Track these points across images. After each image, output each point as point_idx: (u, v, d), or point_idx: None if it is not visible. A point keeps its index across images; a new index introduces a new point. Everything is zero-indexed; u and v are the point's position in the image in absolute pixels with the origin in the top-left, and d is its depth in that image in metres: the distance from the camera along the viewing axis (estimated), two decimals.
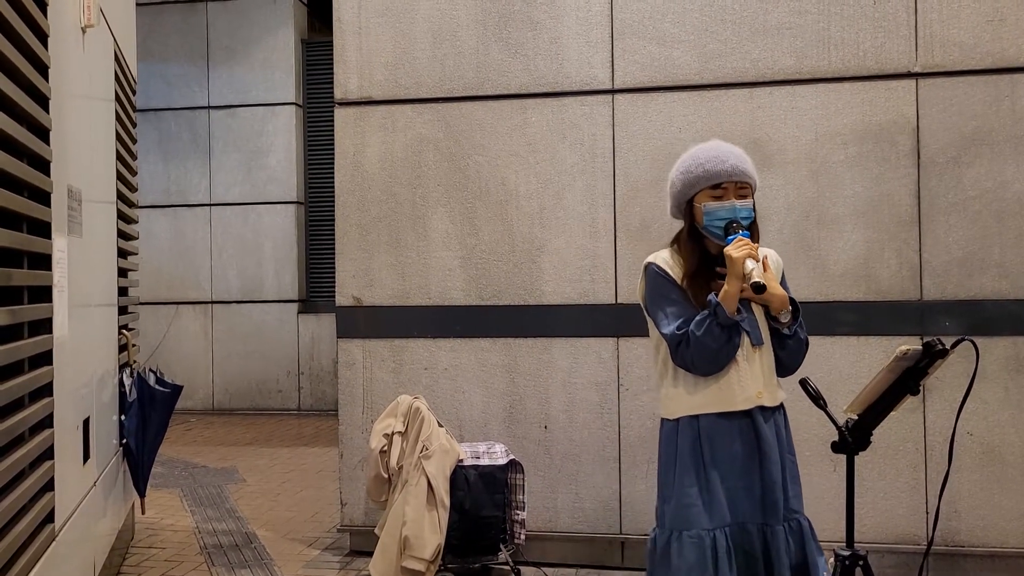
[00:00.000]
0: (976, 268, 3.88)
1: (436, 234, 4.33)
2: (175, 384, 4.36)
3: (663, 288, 2.53)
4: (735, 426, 2.48)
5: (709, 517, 2.45)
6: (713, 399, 2.49)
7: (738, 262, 2.37)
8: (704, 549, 2.42)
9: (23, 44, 2.49)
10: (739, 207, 2.47)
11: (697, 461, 2.49)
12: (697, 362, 2.45)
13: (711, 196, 2.49)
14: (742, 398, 2.48)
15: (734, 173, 2.48)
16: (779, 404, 2.57)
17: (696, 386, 2.50)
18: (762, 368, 2.51)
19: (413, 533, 3.80)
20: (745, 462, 2.47)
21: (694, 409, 2.50)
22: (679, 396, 2.53)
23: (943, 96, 3.92)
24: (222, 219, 9.72)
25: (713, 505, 2.45)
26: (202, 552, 4.61)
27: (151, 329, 9.43)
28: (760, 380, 2.50)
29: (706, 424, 2.49)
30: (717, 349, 2.42)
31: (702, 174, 2.50)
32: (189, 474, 6.59)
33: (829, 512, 3.95)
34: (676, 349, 2.47)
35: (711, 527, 2.44)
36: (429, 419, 4.02)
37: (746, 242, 2.40)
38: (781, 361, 2.58)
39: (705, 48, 4.10)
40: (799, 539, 2.48)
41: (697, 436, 2.49)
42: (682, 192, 2.55)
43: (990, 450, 3.87)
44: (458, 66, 4.32)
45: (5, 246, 2.33)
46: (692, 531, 2.44)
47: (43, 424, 2.70)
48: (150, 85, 9.57)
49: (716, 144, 2.57)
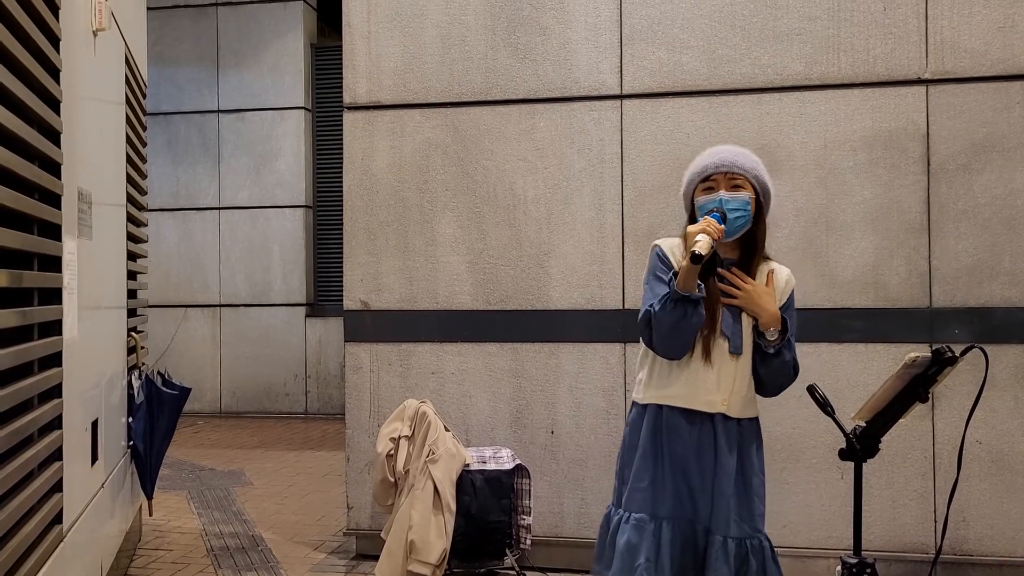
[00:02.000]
0: (986, 275, 3.87)
1: (444, 238, 4.33)
2: (183, 386, 4.37)
3: (658, 269, 2.54)
4: (695, 426, 2.49)
5: (658, 505, 2.48)
6: (678, 393, 2.50)
7: (690, 236, 2.38)
8: (646, 533, 2.45)
9: (35, 47, 2.50)
10: (727, 198, 2.47)
11: (656, 449, 2.52)
12: (656, 339, 2.47)
13: (703, 190, 2.53)
14: (705, 400, 2.48)
15: (722, 164, 2.50)
16: (749, 418, 2.54)
17: (667, 378, 2.52)
18: (735, 377, 2.50)
19: (419, 537, 3.80)
20: (700, 464, 2.48)
21: (660, 399, 2.53)
22: (652, 383, 2.57)
23: (953, 103, 3.90)
24: (231, 222, 9.75)
25: (664, 495, 2.49)
26: (209, 554, 4.62)
27: (159, 332, 9.45)
28: (728, 389, 2.49)
29: (669, 416, 2.51)
30: (672, 324, 2.40)
31: (696, 170, 2.56)
32: (196, 476, 6.60)
33: (837, 520, 3.93)
34: (644, 327, 2.50)
35: (660, 515, 2.47)
36: (436, 423, 4.02)
37: (709, 220, 2.40)
38: (760, 380, 2.56)
39: (714, 54, 4.10)
40: (760, 558, 2.45)
41: (659, 426, 2.52)
42: (685, 192, 2.61)
43: (999, 458, 3.85)
44: (467, 71, 4.32)
45: (16, 248, 2.34)
46: (640, 514, 2.48)
47: (52, 425, 2.71)
48: (160, 89, 9.61)
49: (718, 146, 2.62)
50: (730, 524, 2.44)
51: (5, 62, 2.28)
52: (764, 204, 2.56)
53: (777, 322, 2.48)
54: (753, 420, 2.56)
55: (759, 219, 2.55)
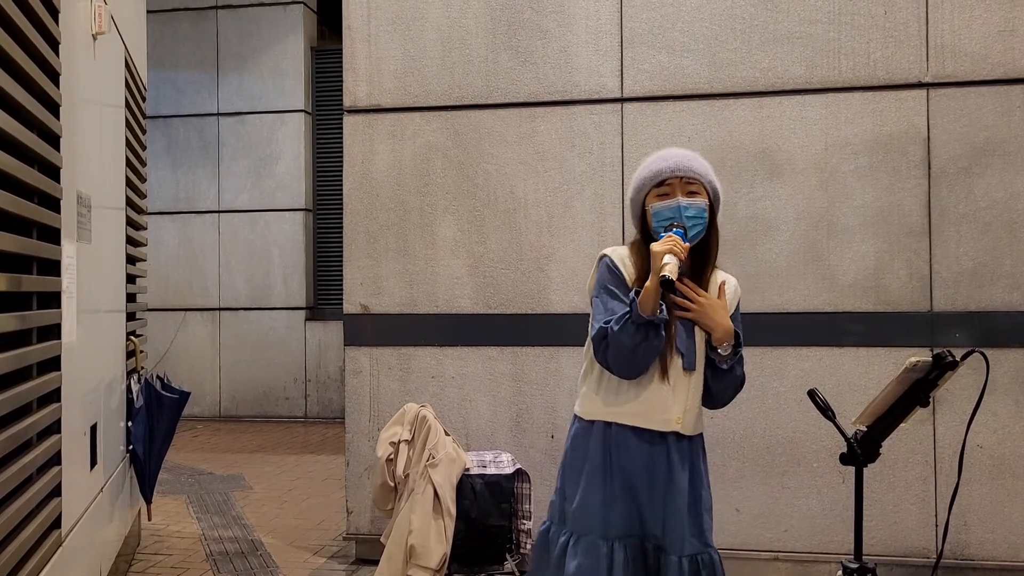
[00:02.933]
0: (987, 279, 3.86)
1: (444, 242, 4.33)
2: (182, 390, 4.36)
3: (610, 282, 2.43)
4: (647, 444, 2.41)
5: (610, 525, 2.39)
6: (630, 411, 2.41)
7: (657, 256, 2.27)
8: (599, 556, 2.36)
9: (34, 51, 2.50)
10: (685, 204, 2.38)
11: (606, 468, 2.42)
12: (613, 361, 2.36)
13: (657, 196, 2.43)
14: (659, 419, 2.40)
15: (677, 169, 2.41)
16: (697, 434, 2.49)
17: (617, 396, 2.43)
18: (688, 394, 2.43)
19: (419, 542, 3.79)
20: (651, 481, 2.40)
21: (609, 416, 2.44)
22: (598, 399, 2.46)
23: (954, 106, 3.90)
24: (230, 226, 9.75)
25: (615, 515, 2.40)
26: (208, 559, 4.60)
27: (159, 335, 9.44)
28: (682, 406, 2.42)
29: (619, 434, 2.42)
30: (632, 348, 2.30)
31: (647, 175, 2.45)
32: (196, 481, 6.59)
33: (837, 524, 3.93)
34: (598, 345, 2.38)
35: (610, 535, 2.39)
36: (436, 427, 4.01)
37: (675, 239, 2.30)
38: (710, 392, 2.49)
39: (715, 57, 4.09)
40: (710, 572, 2.40)
41: (608, 444, 2.43)
42: (635, 199, 2.50)
43: (1000, 463, 3.84)
44: (467, 74, 4.32)
45: (15, 252, 2.34)
46: (590, 536, 2.39)
47: (51, 430, 2.70)
48: (160, 92, 9.61)
49: (667, 149, 2.52)
50: (684, 542, 2.38)
51: (4, 65, 2.28)
52: (716, 210, 2.48)
53: (730, 336, 2.40)
54: (700, 435, 2.51)
55: (711, 226, 2.46)
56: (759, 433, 4.02)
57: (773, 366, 4.01)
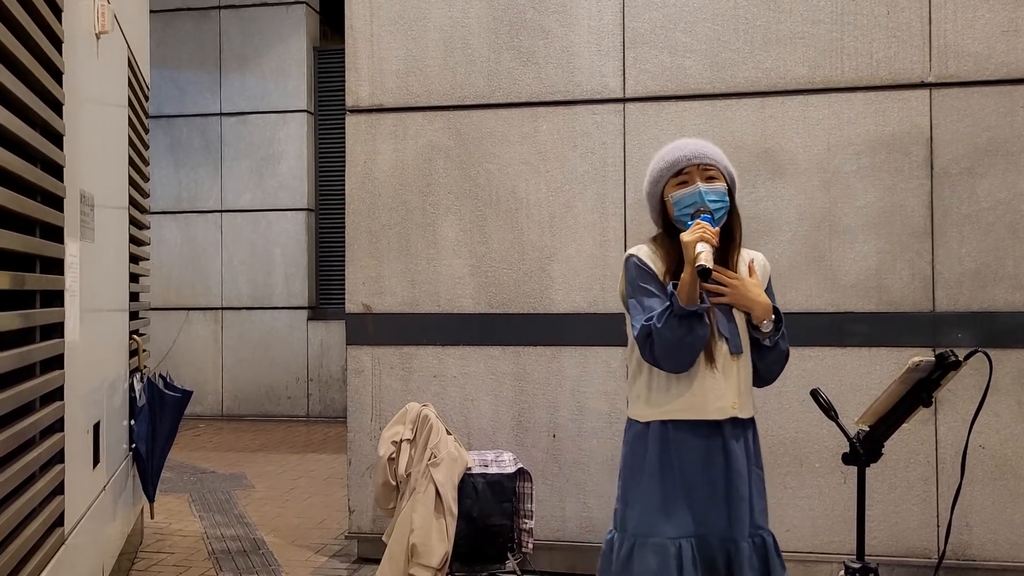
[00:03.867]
0: (989, 280, 3.86)
1: (446, 242, 4.33)
2: (185, 389, 4.37)
3: (642, 280, 2.43)
4: (704, 436, 2.41)
5: (674, 525, 2.38)
6: (685, 406, 2.40)
7: (689, 246, 2.27)
8: (668, 557, 2.35)
9: (37, 50, 2.50)
10: (705, 190, 2.39)
11: (664, 468, 2.42)
12: (659, 357, 2.35)
13: (676, 184, 2.43)
14: (715, 407, 2.40)
15: (694, 156, 2.42)
16: (750, 417, 2.50)
17: (668, 391, 2.42)
18: (738, 378, 2.43)
19: (421, 541, 3.79)
20: (713, 474, 2.40)
21: (664, 415, 2.42)
22: (652, 399, 2.45)
23: (957, 106, 3.90)
24: (233, 225, 9.75)
25: (678, 514, 2.39)
26: (210, 557, 4.61)
27: (161, 334, 9.45)
28: (735, 391, 2.42)
29: (675, 431, 2.41)
30: (676, 342, 2.31)
31: (664, 166, 2.46)
32: (198, 479, 6.60)
33: (839, 524, 3.92)
34: (643, 344, 2.37)
35: (676, 536, 2.38)
36: (438, 427, 4.01)
37: (704, 226, 2.30)
38: (758, 372, 2.50)
39: (717, 57, 4.09)
40: (763, 555, 2.41)
41: (667, 443, 2.42)
42: (652, 192, 2.50)
43: (1002, 463, 3.84)
44: (469, 74, 4.32)
45: (18, 250, 2.34)
46: (656, 538, 2.38)
47: (54, 428, 2.71)
48: (163, 91, 9.62)
49: (679, 140, 2.53)
50: (750, 525, 2.41)
51: (7, 64, 2.28)
52: (734, 192, 2.49)
53: (769, 312, 2.42)
54: (752, 417, 2.53)
55: (732, 208, 2.47)
56: (761, 433, 3.98)
57: None
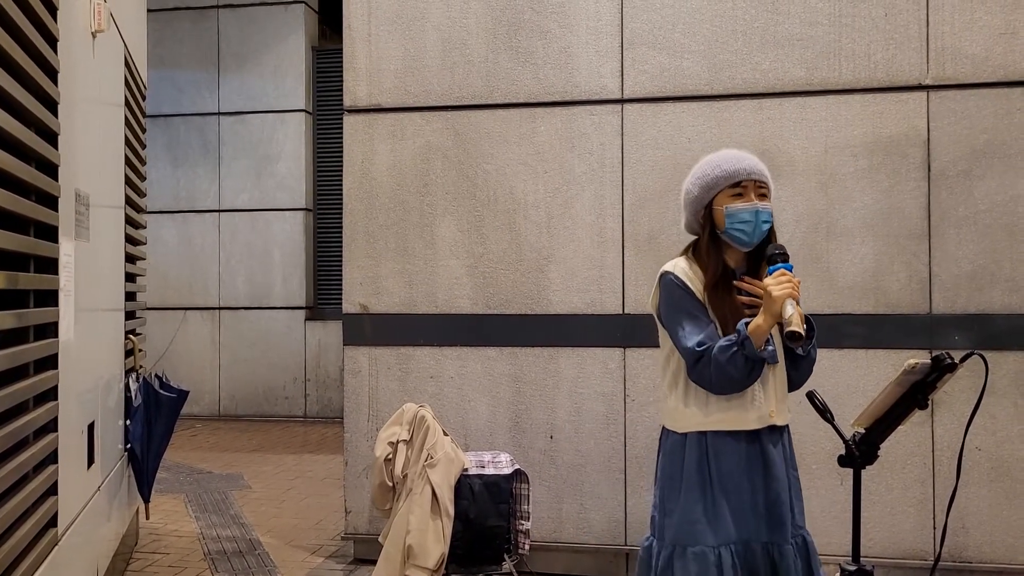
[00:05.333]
0: (986, 282, 3.86)
1: (443, 242, 4.32)
2: (181, 389, 4.36)
3: (681, 300, 2.43)
4: (742, 444, 2.43)
5: (714, 534, 2.40)
6: (725, 417, 2.43)
7: (777, 301, 2.27)
8: (708, 565, 2.37)
9: (33, 48, 2.49)
10: (761, 209, 2.40)
11: (704, 478, 2.43)
12: (716, 383, 2.38)
13: (731, 196, 2.41)
14: (755, 417, 2.42)
15: (753, 171, 2.41)
16: (786, 423, 2.53)
17: (708, 404, 2.43)
18: (775, 387, 2.46)
19: (417, 542, 3.78)
20: (752, 481, 2.42)
21: (704, 426, 2.44)
22: (689, 412, 2.46)
23: (954, 109, 3.90)
24: (230, 225, 9.74)
25: (718, 522, 2.40)
26: (206, 558, 4.60)
27: (158, 334, 9.44)
28: (773, 399, 2.45)
29: (714, 441, 2.43)
30: (739, 380, 2.34)
31: (721, 174, 2.42)
32: (194, 480, 6.58)
33: (835, 526, 3.92)
34: (694, 366, 2.39)
35: (716, 544, 2.39)
36: (434, 428, 4.01)
37: (788, 277, 2.29)
38: (792, 379, 2.54)
39: (715, 59, 4.09)
40: (805, 555, 2.45)
41: (705, 453, 2.44)
42: (700, 198, 2.46)
43: (999, 465, 3.84)
44: (467, 74, 4.32)
45: (12, 249, 2.34)
46: (696, 547, 2.39)
47: (47, 428, 2.70)
48: (160, 91, 9.61)
49: (730, 150, 2.51)
50: (792, 527, 2.43)
51: (2, 63, 2.27)
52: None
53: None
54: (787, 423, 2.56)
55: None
56: None
57: None
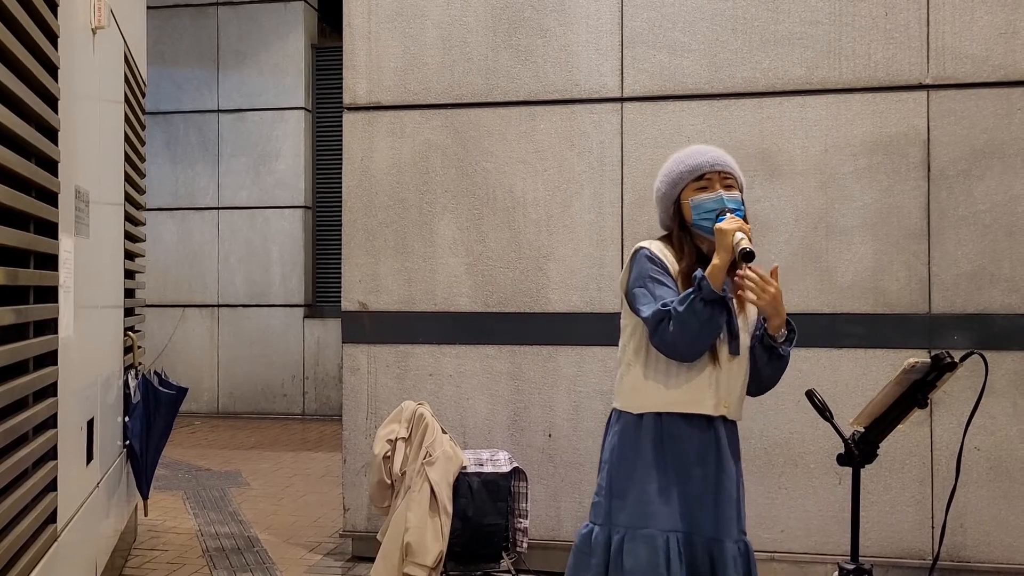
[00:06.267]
0: (986, 282, 3.86)
1: (443, 240, 4.32)
2: (180, 386, 4.36)
3: (654, 271, 2.43)
4: (698, 431, 2.40)
5: (665, 518, 2.37)
6: (683, 398, 2.40)
7: (728, 233, 2.29)
8: (656, 550, 2.34)
9: (33, 44, 2.49)
10: (727, 197, 2.41)
11: (659, 460, 2.40)
12: (677, 341, 2.33)
13: (696, 189, 2.44)
14: (713, 402, 2.40)
15: (716, 163, 2.44)
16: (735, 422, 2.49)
17: (668, 381, 2.41)
18: (733, 379, 2.43)
19: (415, 539, 3.78)
20: (703, 470, 2.39)
21: (660, 406, 2.42)
22: (648, 390, 2.44)
23: (954, 108, 3.90)
24: (229, 223, 9.74)
25: (669, 507, 2.38)
26: (204, 555, 4.60)
27: (157, 331, 9.44)
28: (730, 390, 2.42)
29: (669, 424, 2.41)
30: (699, 327, 2.30)
31: (685, 169, 2.47)
32: (193, 477, 6.58)
33: (834, 525, 3.92)
34: (657, 327, 2.35)
35: (666, 528, 2.37)
36: (433, 425, 4.01)
37: (738, 220, 2.33)
38: (762, 379, 2.50)
39: (715, 57, 4.09)
40: (746, 562, 2.40)
41: (660, 435, 2.41)
42: (668, 194, 2.50)
43: (997, 465, 3.84)
44: (467, 72, 4.32)
45: (12, 245, 2.33)
46: (647, 530, 2.37)
47: (47, 424, 2.70)
48: (160, 88, 9.60)
49: (697, 145, 2.55)
50: (736, 527, 2.40)
51: (2, 59, 2.27)
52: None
53: (784, 323, 2.42)
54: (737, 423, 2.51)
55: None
56: (756, 434, 4.01)
57: None
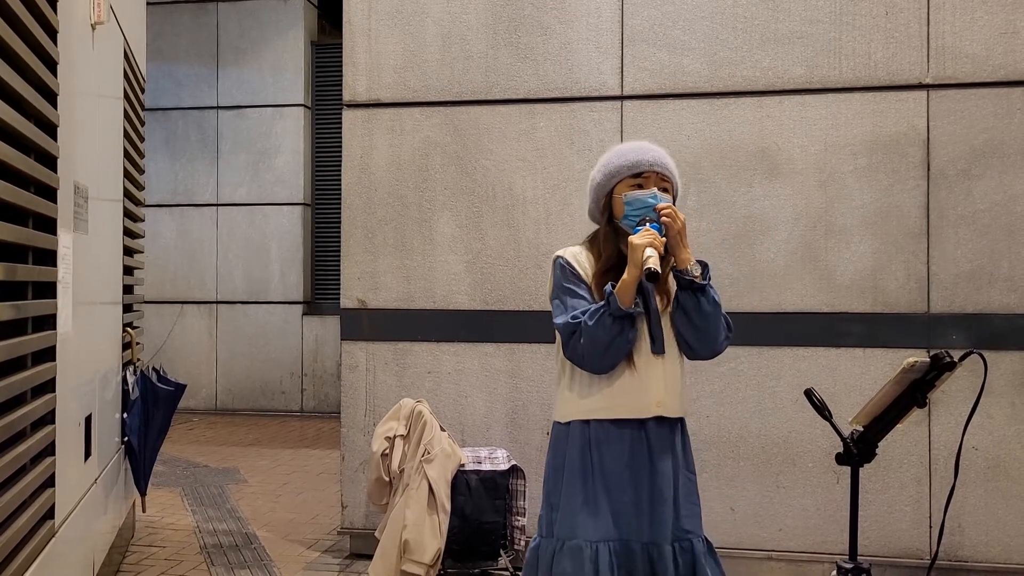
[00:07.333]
0: (985, 281, 3.86)
1: (442, 238, 4.32)
2: (178, 383, 4.36)
3: (567, 280, 2.42)
4: (626, 435, 2.36)
5: (594, 528, 2.34)
6: (606, 404, 2.37)
7: (638, 249, 2.26)
8: (583, 560, 2.31)
9: (32, 39, 2.48)
10: (661, 197, 2.37)
11: (585, 469, 2.38)
12: (587, 355, 2.32)
13: (631, 186, 2.41)
14: (637, 406, 2.36)
15: (656, 163, 2.41)
16: (680, 417, 2.45)
17: (590, 389, 2.39)
18: (664, 377, 2.39)
19: (413, 537, 3.78)
20: (634, 474, 2.36)
21: (585, 414, 2.39)
22: (572, 399, 2.42)
23: (954, 108, 3.90)
24: (228, 219, 9.73)
25: (598, 517, 2.34)
26: (202, 552, 4.60)
27: (156, 328, 9.44)
28: (661, 389, 2.37)
29: (596, 430, 2.38)
30: (608, 341, 2.28)
31: (623, 163, 2.42)
32: (191, 473, 6.58)
33: (832, 524, 3.93)
34: (568, 340, 2.34)
35: (595, 539, 2.33)
36: (431, 423, 4.01)
37: (653, 233, 2.28)
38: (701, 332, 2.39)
39: (715, 56, 4.09)
40: (689, 560, 2.36)
41: (587, 442, 2.38)
42: (602, 185, 2.45)
43: (995, 465, 3.84)
44: (467, 70, 4.31)
45: (10, 241, 2.33)
46: (573, 541, 2.34)
47: (45, 420, 2.69)
48: (159, 84, 9.59)
49: (640, 141, 2.52)
50: (674, 529, 2.35)
51: (2, 54, 2.27)
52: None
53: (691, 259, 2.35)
54: (682, 419, 2.47)
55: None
56: (754, 432, 4.02)
57: (769, 366, 4.01)
